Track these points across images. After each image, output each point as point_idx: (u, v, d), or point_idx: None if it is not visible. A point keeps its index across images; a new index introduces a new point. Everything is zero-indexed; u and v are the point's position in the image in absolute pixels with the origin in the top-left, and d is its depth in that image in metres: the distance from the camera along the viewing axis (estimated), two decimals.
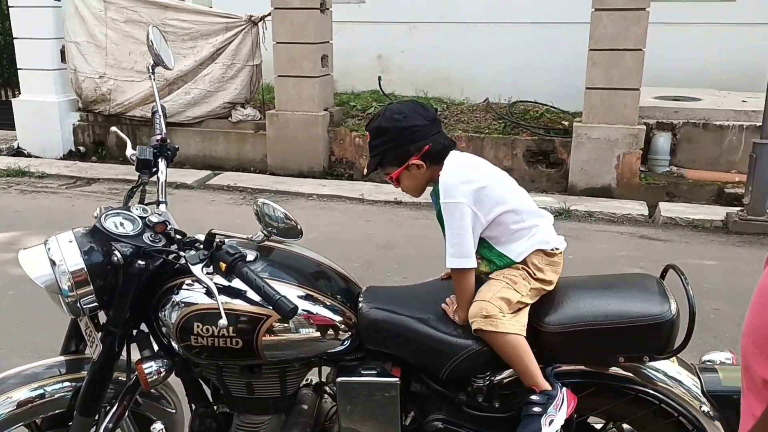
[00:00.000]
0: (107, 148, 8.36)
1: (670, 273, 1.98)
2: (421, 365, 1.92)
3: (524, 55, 8.98)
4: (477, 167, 1.95)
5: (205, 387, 2.13)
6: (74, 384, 1.99)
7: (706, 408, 1.90)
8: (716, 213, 6.08)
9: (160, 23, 7.68)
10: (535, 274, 1.89)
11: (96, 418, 1.98)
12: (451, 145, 1.94)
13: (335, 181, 7.36)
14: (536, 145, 7.13)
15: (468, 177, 1.88)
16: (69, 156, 8.39)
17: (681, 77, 8.57)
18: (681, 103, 7.38)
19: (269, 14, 7.48)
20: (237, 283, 1.81)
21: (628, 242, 5.61)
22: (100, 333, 1.90)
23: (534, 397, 1.82)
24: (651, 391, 1.90)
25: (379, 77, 8.78)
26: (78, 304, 1.79)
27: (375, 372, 1.91)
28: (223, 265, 1.73)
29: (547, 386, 1.83)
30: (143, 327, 1.97)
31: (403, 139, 1.89)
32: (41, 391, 1.97)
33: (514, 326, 1.81)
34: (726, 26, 8.63)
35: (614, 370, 1.93)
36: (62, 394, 1.98)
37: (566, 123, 7.37)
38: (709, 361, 2.07)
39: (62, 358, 2.10)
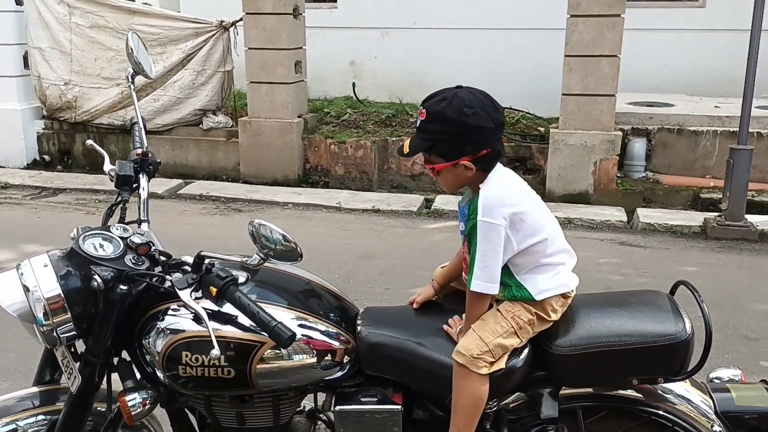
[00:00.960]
0: (73, 157, 8.11)
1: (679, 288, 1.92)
2: (425, 391, 1.82)
3: (497, 60, 8.98)
4: (522, 189, 1.81)
5: (191, 416, 2.00)
6: (49, 417, 1.87)
7: (718, 429, 1.84)
8: (694, 219, 6.10)
9: (128, 28, 7.47)
10: (549, 317, 1.78)
11: None
12: (502, 154, 1.80)
13: (311, 189, 7.23)
14: (513, 152, 7.09)
15: (510, 199, 1.74)
16: (33, 165, 8.12)
17: (652, 83, 8.64)
18: (655, 109, 7.42)
19: (241, 19, 7.34)
20: (227, 308, 1.69)
21: (608, 249, 5.58)
22: (78, 363, 1.76)
23: None
24: (664, 413, 1.83)
25: (353, 83, 8.68)
26: (54, 333, 1.65)
27: (376, 399, 1.81)
28: (214, 290, 1.60)
29: None
30: (124, 355, 1.83)
31: (465, 137, 1.72)
32: (14, 426, 1.85)
33: (492, 372, 1.71)
34: (696, 32, 8.73)
35: (625, 392, 1.85)
36: (37, 428, 1.87)
37: (542, 129, 7.36)
38: (716, 378, 2.01)
39: (35, 389, 1.96)
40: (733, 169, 5.70)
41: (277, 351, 1.71)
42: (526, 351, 1.75)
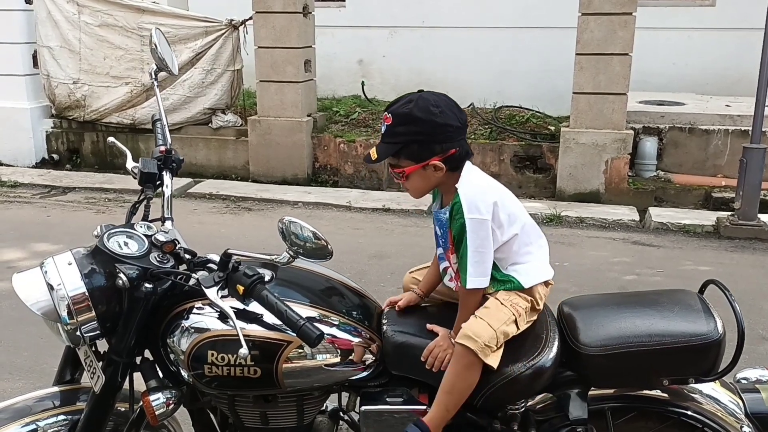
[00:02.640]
0: (82, 155, 8.11)
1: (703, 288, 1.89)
2: None
3: (506, 59, 8.95)
4: (493, 183, 1.84)
5: (212, 416, 1.98)
6: (70, 417, 1.84)
7: (748, 430, 1.82)
8: (707, 218, 6.06)
9: (137, 27, 7.49)
10: (538, 305, 1.81)
11: None
12: (470, 153, 1.82)
13: (320, 188, 7.22)
14: (523, 151, 7.06)
15: (488, 192, 1.77)
16: (42, 164, 8.12)
17: (661, 82, 8.59)
18: (666, 108, 7.38)
19: (250, 18, 7.32)
20: (252, 307, 1.67)
21: (621, 248, 5.55)
22: (101, 362, 1.74)
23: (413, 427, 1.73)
24: (693, 414, 1.80)
25: (363, 82, 8.67)
26: (78, 332, 1.63)
27: (401, 399, 1.79)
28: (241, 288, 1.58)
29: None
30: (147, 354, 1.81)
31: (434, 136, 1.73)
32: (34, 426, 1.81)
33: (494, 360, 1.71)
34: (705, 31, 8.68)
35: (654, 392, 1.82)
36: (57, 428, 1.84)
37: (552, 128, 7.32)
38: (744, 378, 1.98)
39: (56, 388, 1.93)
40: (746, 168, 5.66)
41: (301, 350, 1.70)
42: (554, 351, 1.73)
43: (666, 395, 1.83)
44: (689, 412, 1.80)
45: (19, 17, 7.81)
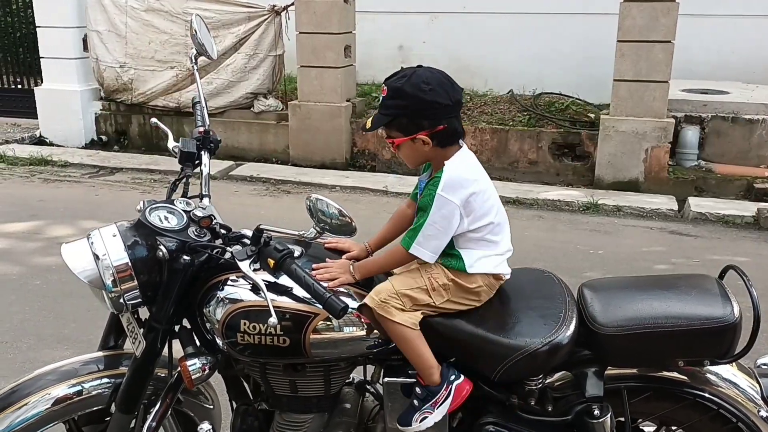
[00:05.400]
0: (129, 137, 8.35)
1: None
2: (471, 366, 1.85)
3: (546, 45, 8.85)
4: (481, 172, 1.86)
5: (245, 384, 2.08)
6: (113, 381, 1.95)
7: (765, 414, 1.83)
8: (747, 208, 5.97)
9: (182, 12, 7.65)
10: (471, 289, 1.83)
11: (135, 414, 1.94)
12: (462, 133, 1.87)
13: (358, 172, 7.31)
14: (562, 138, 7.03)
15: (471, 180, 1.80)
16: (91, 145, 8.39)
17: (705, 70, 8.40)
18: (709, 96, 7.25)
19: (292, 4, 7.42)
20: (283, 280, 1.76)
21: (658, 237, 5.51)
22: (142, 329, 1.85)
23: (417, 390, 1.82)
24: (709, 396, 1.84)
25: (402, 68, 8.66)
26: (121, 300, 1.74)
27: None
28: (272, 262, 1.67)
29: (433, 381, 1.80)
30: (185, 323, 1.92)
31: (421, 112, 1.78)
32: (79, 387, 1.92)
33: (406, 320, 1.77)
34: (752, 18, 8.46)
35: (670, 373, 1.86)
36: (101, 390, 1.94)
37: (592, 115, 7.26)
38: (764, 364, 1.99)
39: (100, 353, 2.05)
40: None
41: (328, 322, 1.78)
42: (571, 328, 1.78)
43: (683, 376, 1.86)
44: (705, 394, 1.83)
45: (71, 2, 8.06)
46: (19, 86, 9.52)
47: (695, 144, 6.87)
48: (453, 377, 1.82)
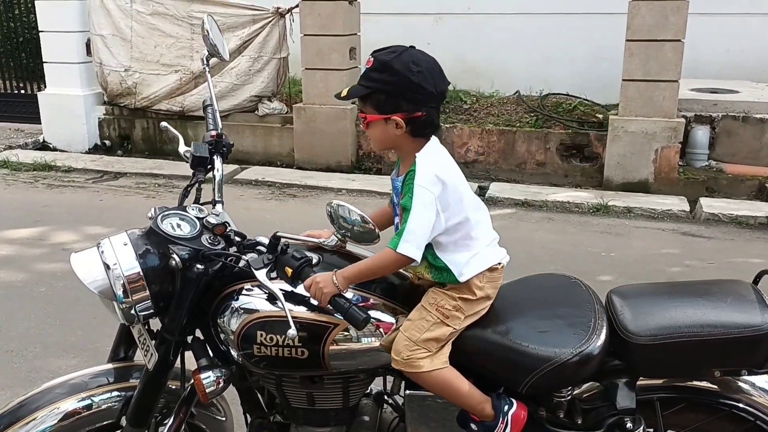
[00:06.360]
0: (133, 142, 8.29)
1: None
2: (498, 378, 1.78)
3: (553, 46, 8.78)
4: (453, 165, 1.79)
5: (259, 397, 2.02)
6: (124, 394, 1.90)
7: None
8: (760, 209, 5.89)
9: (187, 15, 7.60)
10: (476, 295, 1.76)
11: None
12: (438, 128, 1.79)
13: (363, 175, 7.24)
14: (570, 139, 6.96)
15: (444, 172, 1.72)
16: (95, 150, 8.32)
17: (715, 69, 8.33)
18: (719, 96, 7.17)
19: (297, 6, 7.36)
20: (299, 289, 1.70)
21: (670, 239, 5.44)
22: (154, 340, 1.79)
23: (472, 426, 1.75)
24: (745, 407, 1.77)
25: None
26: (133, 311, 1.68)
27: None
28: (290, 271, 1.61)
29: (487, 415, 1.74)
30: (198, 334, 1.86)
31: (404, 93, 1.69)
32: (89, 401, 1.88)
33: (437, 364, 1.71)
34: (761, 16, 8.39)
35: (704, 383, 1.79)
36: (111, 404, 1.89)
37: (600, 116, 7.18)
38: None
39: (110, 365, 1.99)
40: None
41: (347, 333, 1.72)
42: (602, 338, 1.71)
43: (717, 387, 1.79)
44: (741, 405, 1.77)
45: (73, 6, 7.99)
46: (22, 91, 9.48)
47: (705, 144, 6.79)
48: (507, 407, 1.75)
